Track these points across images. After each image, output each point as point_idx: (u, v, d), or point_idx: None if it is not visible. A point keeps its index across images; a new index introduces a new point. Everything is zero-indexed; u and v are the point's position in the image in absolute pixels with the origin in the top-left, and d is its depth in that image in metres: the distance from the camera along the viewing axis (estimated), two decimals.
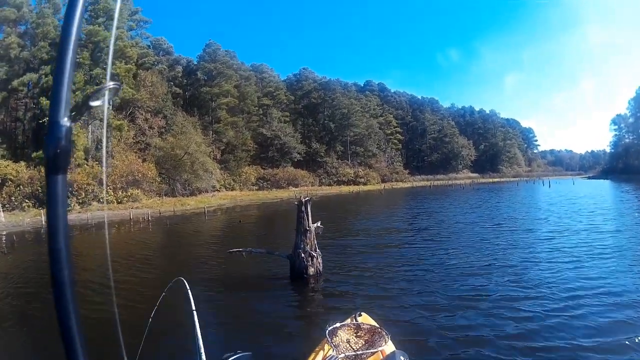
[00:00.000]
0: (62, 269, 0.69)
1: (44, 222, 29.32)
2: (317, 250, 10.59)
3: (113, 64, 46.26)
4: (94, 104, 0.77)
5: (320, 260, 10.58)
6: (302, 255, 10.30)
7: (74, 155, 38.47)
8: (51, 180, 0.69)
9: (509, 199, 38.31)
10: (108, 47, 46.45)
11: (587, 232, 16.29)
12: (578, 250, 12.56)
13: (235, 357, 2.17)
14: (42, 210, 31.91)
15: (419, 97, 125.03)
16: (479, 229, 18.57)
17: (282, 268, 11.08)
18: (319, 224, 10.86)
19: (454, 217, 24.23)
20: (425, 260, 12.07)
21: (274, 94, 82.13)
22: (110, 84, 0.79)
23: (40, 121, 41.34)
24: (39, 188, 34.42)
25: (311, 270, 10.31)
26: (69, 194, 35.15)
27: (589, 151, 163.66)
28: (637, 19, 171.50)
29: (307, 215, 10.52)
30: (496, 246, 13.83)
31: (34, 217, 30.51)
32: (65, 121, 0.70)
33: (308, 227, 10.39)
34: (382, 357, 3.56)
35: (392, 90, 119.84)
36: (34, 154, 39.74)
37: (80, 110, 0.77)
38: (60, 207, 0.68)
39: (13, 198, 33.59)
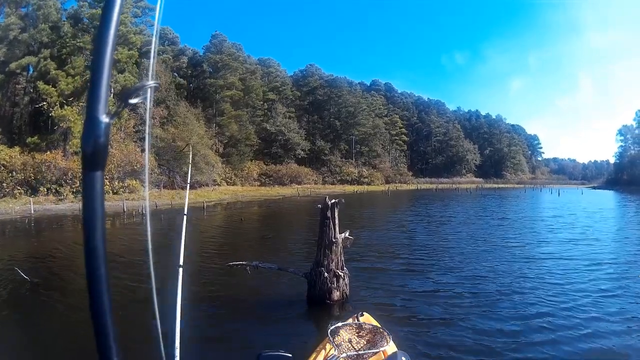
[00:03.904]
0: (99, 267, 0.69)
1: (33, 211, 27.87)
2: (345, 268, 8.27)
3: (115, 49, 44.59)
4: (132, 101, 0.77)
5: (347, 281, 8.28)
6: (326, 274, 7.96)
7: (70, 143, 37.08)
8: (88, 177, 0.69)
9: (529, 209, 35.30)
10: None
11: None
12: None
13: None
14: (32, 198, 30.44)
15: (426, 98, 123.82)
16: (522, 252, 14.20)
17: (297, 288, 8.74)
18: (347, 233, 8.41)
19: (483, 231, 20.05)
20: (468, 292, 9.18)
21: (280, 89, 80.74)
22: (151, 83, 0.81)
23: (37, 106, 39.86)
24: (31, 175, 32.97)
25: (336, 295, 8.01)
26: (63, 182, 33.76)
27: (592, 161, 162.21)
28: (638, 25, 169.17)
29: (334, 223, 8.09)
30: (556, 283, 9.86)
31: (24, 205, 28.98)
32: (104, 117, 0.68)
33: (334, 238, 8.00)
34: (383, 357, 3.57)
35: (399, 91, 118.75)
36: (28, 139, 38.31)
37: (119, 107, 0.77)
38: (97, 205, 0.69)
39: (4, 184, 32.04)
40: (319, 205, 8.30)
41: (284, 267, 9.09)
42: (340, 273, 8.09)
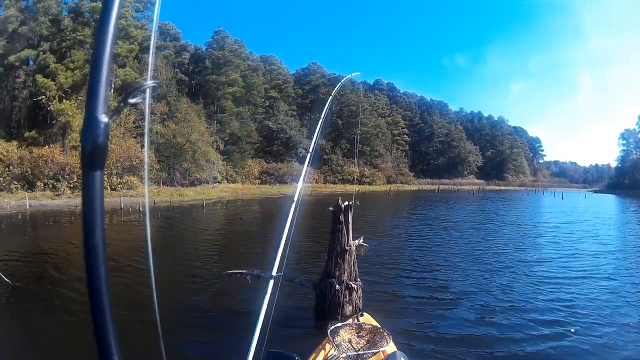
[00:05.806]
0: (99, 265, 0.69)
1: (28, 206, 27.28)
2: (358, 280, 7.37)
3: (115, 43, 44.01)
4: (132, 101, 0.78)
5: (360, 294, 7.37)
6: (337, 287, 7.02)
7: (69, 137, 36.50)
8: (88, 176, 0.69)
9: (539, 214, 33.74)
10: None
11: None
12: None
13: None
14: (28, 193, 29.86)
15: (428, 99, 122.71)
16: (555, 270, 12.09)
17: (304, 300, 7.86)
18: (361, 240, 7.50)
19: (500, 241, 17.93)
20: (499, 324, 7.57)
21: (282, 86, 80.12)
22: (150, 83, 0.81)
23: (36, 99, 39.23)
24: (28, 169, 32.40)
25: (348, 310, 7.07)
26: (61, 177, 33.19)
27: (593, 165, 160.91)
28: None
29: (348, 228, 7.15)
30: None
31: (19, 200, 28.40)
32: (103, 117, 0.68)
33: (348, 245, 7.08)
34: (383, 357, 3.55)
35: (402, 91, 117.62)
36: (27, 134, 37.76)
37: (118, 108, 0.77)
38: (97, 204, 0.69)
39: (1, 179, 31.47)
40: (331, 208, 7.31)
41: (290, 276, 7.94)
42: (353, 285, 7.19)
